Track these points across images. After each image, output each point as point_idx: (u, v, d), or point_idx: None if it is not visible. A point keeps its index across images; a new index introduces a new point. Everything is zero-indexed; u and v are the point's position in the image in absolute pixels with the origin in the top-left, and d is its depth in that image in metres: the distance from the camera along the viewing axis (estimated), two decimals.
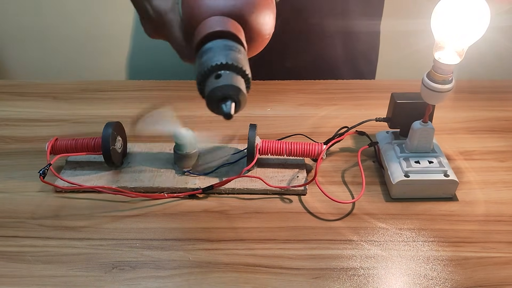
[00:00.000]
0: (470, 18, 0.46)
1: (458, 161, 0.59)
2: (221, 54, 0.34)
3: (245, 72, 0.34)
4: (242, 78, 0.34)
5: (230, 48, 0.35)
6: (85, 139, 0.56)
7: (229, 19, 0.37)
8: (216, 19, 0.36)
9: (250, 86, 0.35)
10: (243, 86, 0.34)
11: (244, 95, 0.33)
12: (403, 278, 0.45)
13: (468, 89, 0.75)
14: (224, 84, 0.33)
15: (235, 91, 0.33)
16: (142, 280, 0.44)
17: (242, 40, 0.36)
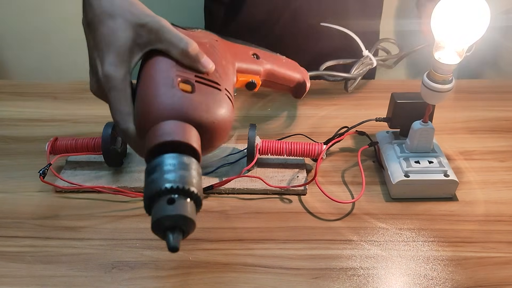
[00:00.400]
0: (470, 18, 0.46)
1: (458, 161, 0.59)
2: (173, 175, 0.31)
3: (198, 196, 0.31)
4: (194, 202, 0.31)
5: (183, 166, 0.32)
6: (85, 139, 0.56)
7: (183, 125, 0.34)
8: (169, 125, 0.33)
9: (201, 207, 0.33)
10: (195, 213, 0.31)
11: (195, 223, 0.31)
12: (403, 278, 0.45)
13: (468, 89, 0.75)
14: (176, 214, 0.30)
15: (186, 222, 0.30)
16: (141, 280, 0.44)
17: (197, 149, 0.34)
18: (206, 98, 0.36)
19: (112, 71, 0.36)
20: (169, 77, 0.36)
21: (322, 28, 0.77)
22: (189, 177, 0.31)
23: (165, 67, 0.36)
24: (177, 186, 0.30)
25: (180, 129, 0.33)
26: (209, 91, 0.37)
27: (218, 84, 0.38)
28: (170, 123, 0.33)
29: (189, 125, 0.34)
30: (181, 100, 0.34)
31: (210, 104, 0.36)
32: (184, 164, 0.32)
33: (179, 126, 0.33)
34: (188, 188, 0.31)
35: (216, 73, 0.39)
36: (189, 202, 0.31)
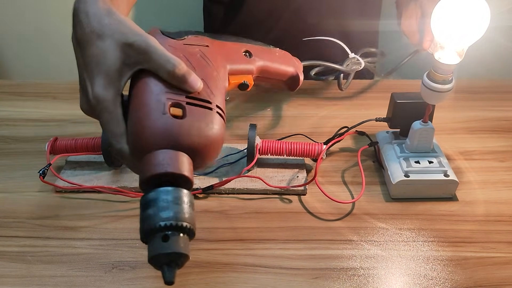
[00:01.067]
0: (470, 18, 0.46)
1: (458, 161, 0.59)
2: (167, 212, 0.32)
3: (190, 228, 0.33)
4: (187, 235, 0.33)
5: (177, 200, 0.32)
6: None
7: (176, 155, 0.34)
8: (162, 156, 0.33)
9: (194, 236, 0.34)
10: (188, 245, 0.33)
11: (188, 256, 0.33)
12: (403, 278, 0.45)
13: (468, 89, 0.75)
14: (172, 251, 0.31)
15: (180, 257, 0.32)
16: (142, 280, 0.44)
17: (190, 178, 0.34)
18: (198, 122, 0.35)
19: (102, 93, 0.36)
20: (160, 102, 0.35)
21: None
22: (181, 212, 0.32)
23: (155, 90, 0.36)
24: (171, 223, 0.32)
25: (173, 159, 0.33)
26: (200, 112, 0.36)
27: (209, 103, 0.37)
28: (163, 153, 0.34)
29: (182, 154, 0.34)
30: (173, 127, 0.34)
31: (202, 127, 0.35)
32: (178, 198, 0.33)
33: (172, 157, 0.34)
34: (181, 224, 0.32)
35: (207, 89, 0.38)
36: (182, 237, 0.32)
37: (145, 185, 0.34)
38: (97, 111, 0.36)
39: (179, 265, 0.33)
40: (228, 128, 0.65)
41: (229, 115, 0.69)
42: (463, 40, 0.47)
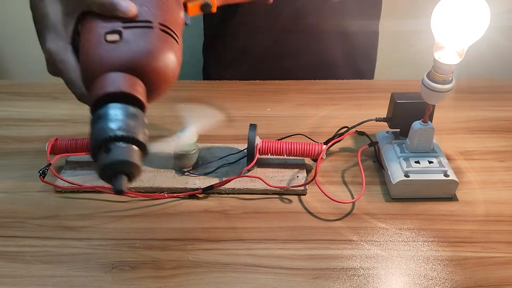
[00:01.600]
0: (470, 18, 0.46)
1: (458, 161, 0.59)
2: (113, 124, 0.32)
3: (139, 141, 0.32)
4: (136, 147, 0.33)
5: (124, 114, 0.33)
6: (85, 139, 0.56)
7: (125, 76, 0.34)
8: (110, 77, 0.34)
9: (147, 152, 0.34)
10: (137, 157, 0.32)
11: (137, 167, 0.32)
12: (403, 278, 0.45)
13: (468, 89, 0.75)
14: (114, 160, 0.32)
15: (127, 166, 0.32)
16: (142, 280, 0.44)
17: (139, 98, 0.34)
18: (136, 41, 0.36)
19: (52, 46, 0.38)
20: (98, 33, 0.36)
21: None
22: (128, 124, 0.33)
23: (94, 27, 0.37)
24: (114, 135, 0.32)
25: (120, 80, 0.34)
26: (138, 32, 0.36)
27: (149, 22, 0.37)
28: (110, 76, 0.34)
29: (129, 76, 0.35)
30: (110, 51, 0.35)
31: (140, 45, 0.35)
32: (125, 111, 0.33)
33: (120, 77, 0.34)
34: (124, 135, 0.32)
35: (147, 11, 0.38)
36: (126, 146, 0.32)
37: (95, 108, 0.35)
38: (53, 65, 0.38)
39: (129, 176, 0.32)
40: (228, 128, 0.65)
41: (230, 115, 0.69)
42: (463, 40, 0.47)
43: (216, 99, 0.73)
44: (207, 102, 0.73)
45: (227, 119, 0.68)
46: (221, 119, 0.63)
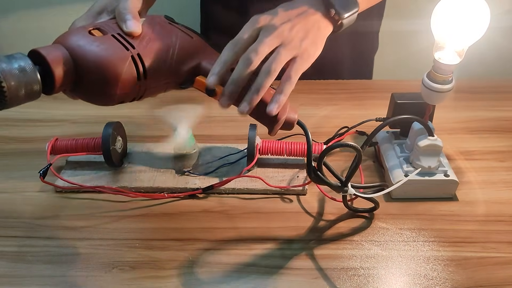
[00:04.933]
0: (470, 18, 0.46)
1: (458, 161, 0.59)
2: (1, 61, 0.35)
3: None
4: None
5: (19, 65, 0.35)
6: (85, 139, 0.56)
7: (58, 50, 0.37)
8: (52, 45, 0.38)
9: (5, 102, 0.37)
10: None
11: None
12: (403, 278, 0.45)
13: (468, 89, 0.75)
14: None
15: None
16: (142, 280, 0.44)
17: (47, 62, 0.36)
18: (103, 44, 0.39)
19: (76, 21, 0.45)
20: (93, 24, 0.41)
21: None
22: (9, 71, 0.35)
23: (103, 22, 0.43)
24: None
25: (52, 49, 0.37)
26: (115, 44, 0.39)
27: (132, 47, 0.40)
28: (55, 45, 0.38)
29: (64, 52, 0.38)
30: (77, 35, 0.39)
31: (102, 47, 0.38)
32: (22, 66, 0.35)
33: (55, 47, 0.38)
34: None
35: (142, 42, 0.41)
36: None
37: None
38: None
39: None
40: (228, 128, 0.65)
41: (230, 115, 0.69)
42: (463, 40, 0.47)
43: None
44: (207, 102, 0.73)
45: (227, 119, 0.67)
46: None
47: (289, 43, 0.43)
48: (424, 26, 0.52)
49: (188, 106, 0.63)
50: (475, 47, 0.49)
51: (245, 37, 0.42)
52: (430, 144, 0.51)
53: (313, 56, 0.45)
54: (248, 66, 0.41)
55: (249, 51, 0.41)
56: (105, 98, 0.40)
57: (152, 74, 0.41)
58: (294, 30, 0.43)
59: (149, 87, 0.41)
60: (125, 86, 0.39)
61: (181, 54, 0.43)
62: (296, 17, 0.44)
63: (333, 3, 0.45)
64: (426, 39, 0.54)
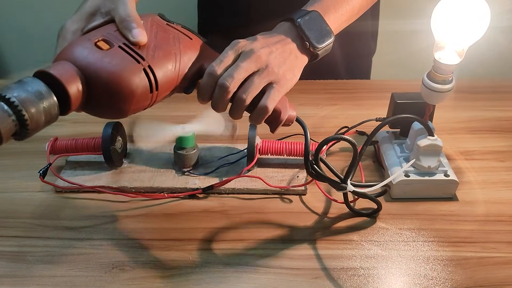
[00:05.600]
0: (470, 18, 0.46)
1: (458, 161, 0.59)
2: (18, 90, 0.33)
3: (22, 116, 0.32)
4: (14, 120, 0.32)
5: (36, 91, 0.33)
6: (85, 139, 0.56)
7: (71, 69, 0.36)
8: (61, 63, 0.36)
9: (27, 133, 0.33)
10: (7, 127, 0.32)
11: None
12: (403, 278, 0.45)
13: (468, 89, 0.75)
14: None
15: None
16: (142, 280, 0.44)
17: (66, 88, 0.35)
18: (114, 59, 0.37)
19: (68, 24, 0.42)
20: (97, 35, 0.39)
21: None
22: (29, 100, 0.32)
23: (103, 29, 0.40)
24: (13, 101, 0.32)
25: (62, 67, 0.35)
26: (125, 58, 0.38)
27: (142, 59, 0.38)
28: (62, 62, 0.36)
29: (75, 70, 0.36)
30: (84, 50, 0.37)
31: (113, 63, 0.37)
32: (40, 92, 0.33)
33: (63, 66, 0.36)
34: (17, 105, 0.32)
35: (149, 52, 0.39)
36: (6, 113, 0.32)
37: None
38: (58, 35, 0.42)
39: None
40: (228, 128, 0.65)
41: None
42: (463, 40, 0.47)
43: None
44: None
45: (227, 119, 0.67)
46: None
47: (265, 69, 0.43)
48: (424, 26, 0.52)
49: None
50: (475, 47, 0.49)
51: (225, 61, 0.43)
52: (430, 144, 0.51)
53: (290, 82, 0.45)
54: (224, 91, 0.42)
55: (224, 76, 0.42)
56: (118, 113, 0.39)
57: (162, 84, 0.40)
58: (272, 56, 0.44)
59: (159, 96, 0.41)
60: (139, 100, 0.38)
61: (185, 59, 0.42)
62: (274, 44, 0.45)
63: (308, 36, 0.46)
64: (426, 39, 0.54)
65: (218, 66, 0.42)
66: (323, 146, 0.46)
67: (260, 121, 0.45)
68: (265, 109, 0.43)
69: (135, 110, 0.39)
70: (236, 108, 0.43)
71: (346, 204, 0.51)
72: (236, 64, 0.43)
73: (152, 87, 0.39)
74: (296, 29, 0.46)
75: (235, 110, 0.44)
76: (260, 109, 0.43)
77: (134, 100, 0.38)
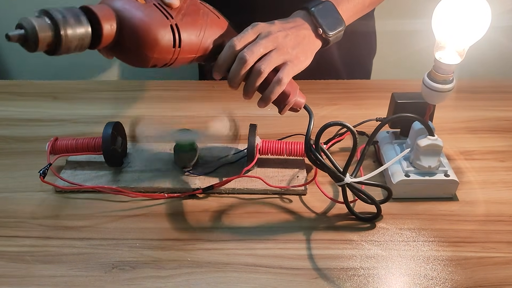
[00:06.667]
0: (471, 18, 0.46)
1: (458, 161, 0.59)
2: (59, 10, 0.37)
3: (58, 29, 0.36)
4: (49, 20, 0.36)
5: (74, 14, 0.38)
6: (85, 139, 0.56)
7: (108, 10, 0.40)
8: (100, 5, 0.41)
9: (58, 49, 0.37)
10: (40, 22, 0.36)
11: (34, 30, 0.35)
12: (403, 278, 0.45)
13: (468, 89, 0.75)
14: (27, 18, 0.36)
15: (26, 22, 0.36)
16: (142, 280, 0.44)
17: (98, 18, 0.39)
18: (147, 11, 0.42)
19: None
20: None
21: None
22: (66, 16, 0.37)
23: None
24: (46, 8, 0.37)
25: (102, 7, 0.40)
26: (157, 12, 0.43)
27: (171, 17, 0.43)
28: (103, 5, 0.41)
29: (112, 12, 0.40)
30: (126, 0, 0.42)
31: (145, 13, 0.42)
32: (78, 15, 0.38)
33: (104, 7, 0.41)
34: (47, 10, 0.37)
35: (179, 15, 0.44)
36: (44, 20, 0.36)
37: None
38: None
39: (24, 29, 0.36)
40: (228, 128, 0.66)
41: (230, 115, 0.69)
42: (464, 40, 0.47)
43: (216, 99, 0.73)
44: (207, 102, 0.73)
45: (227, 119, 0.67)
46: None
47: (281, 49, 0.48)
48: (424, 25, 0.52)
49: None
50: (476, 46, 0.49)
51: (245, 37, 0.47)
52: (431, 144, 0.51)
53: (302, 63, 0.50)
54: (243, 64, 0.46)
55: (244, 50, 0.46)
56: (142, 59, 0.43)
57: (185, 45, 0.45)
58: (287, 38, 0.49)
59: (179, 56, 0.45)
60: (162, 51, 0.43)
61: (209, 32, 0.47)
62: (290, 29, 0.50)
63: (321, 23, 0.51)
64: (426, 39, 0.54)
65: (239, 41, 0.46)
66: (324, 130, 0.48)
67: (272, 97, 0.48)
68: (279, 81, 0.47)
69: (157, 60, 0.43)
70: (251, 81, 0.47)
71: (347, 206, 0.50)
72: (255, 41, 0.47)
73: (175, 43, 0.43)
74: (311, 16, 0.51)
75: (251, 83, 0.47)
76: (275, 82, 0.47)
77: (157, 49, 0.42)
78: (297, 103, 0.51)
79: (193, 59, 0.48)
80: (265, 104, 0.49)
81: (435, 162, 0.52)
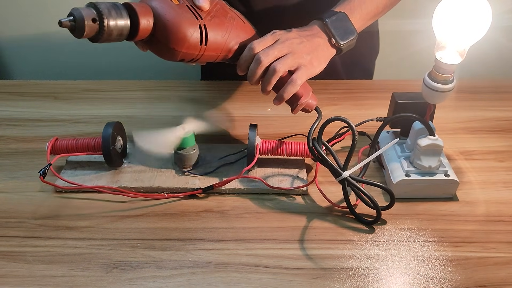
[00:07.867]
0: (472, 18, 0.46)
1: (458, 161, 0.59)
2: (105, 3, 0.43)
3: (103, 20, 0.42)
4: (95, 11, 0.42)
5: (115, 7, 0.43)
6: (85, 139, 0.56)
7: (146, 8, 0.46)
8: (141, 3, 0.46)
9: (100, 38, 0.43)
10: (88, 12, 0.42)
11: (82, 18, 0.41)
12: (403, 278, 0.45)
13: (469, 89, 0.75)
14: (78, 8, 0.42)
15: (77, 12, 0.41)
16: (143, 280, 0.44)
17: (137, 14, 0.44)
18: (180, 10, 0.47)
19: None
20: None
21: None
22: (106, 4, 0.42)
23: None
24: (97, 5, 0.42)
25: (141, 5, 0.45)
26: (189, 12, 0.48)
27: (200, 18, 0.48)
28: (143, 3, 0.46)
29: (150, 10, 0.46)
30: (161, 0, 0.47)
31: (178, 12, 0.47)
32: (118, 7, 0.44)
33: (142, 5, 0.46)
34: (94, 3, 0.42)
35: (208, 17, 0.49)
36: (91, 12, 0.42)
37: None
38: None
39: (74, 16, 0.41)
40: (228, 128, 0.66)
41: (230, 115, 0.69)
42: (465, 40, 0.47)
43: (216, 99, 0.73)
44: (207, 102, 0.73)
45: (229, 119, 0.68)
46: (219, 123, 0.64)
47: (296, 53, 0.52)
48: (425, 25, 0.52)
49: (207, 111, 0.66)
50: (476, 46, 0.49)
51: (263, 41, 0.52)
52: (431, 144, 0.51)
53: (316, 69, 0.54)
54: (259, 64, 0.50)
55: (261, 52, 0.51)
56: (172, 53, 0.47)
57: (211, 43, 0.49)
58: (302, 45, 0.53)
59: (205, 54, 0.50)
60: (189, 47, 0.47)
61: (234, 34, 0.52)
62: (306, 36, 0.54)
63: (334, 34, 0.55)
64: (427, 39, 0.54)
65: (258, 44, 0.51)
66: (327, 125, 0.51)
67: (286, 96, 0.52)
68: (293, 83, 0.51)
69: (185, 55, 0.48)
70: (268, 78, 0.51)
71: (349, 208, 0.50)
72: (272, 45, 0.52)
73: (202, 41, 0.48)
74: (324, 27, 0.56)
75: (267, 80, 0.51)
76: (289, 83, 0.51)
77: (186, 44, 0.47)
78: (308, 104, 0.54)
79: (218, 57, 0.52)
80: (279, 102, 0.53)
81: (435, 162, 0.52)
